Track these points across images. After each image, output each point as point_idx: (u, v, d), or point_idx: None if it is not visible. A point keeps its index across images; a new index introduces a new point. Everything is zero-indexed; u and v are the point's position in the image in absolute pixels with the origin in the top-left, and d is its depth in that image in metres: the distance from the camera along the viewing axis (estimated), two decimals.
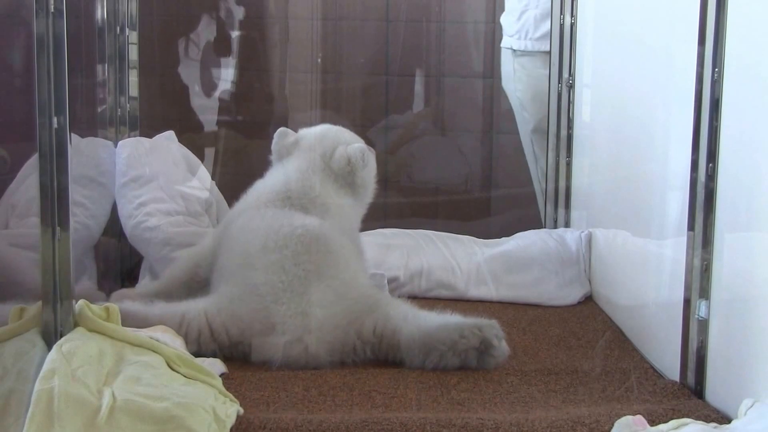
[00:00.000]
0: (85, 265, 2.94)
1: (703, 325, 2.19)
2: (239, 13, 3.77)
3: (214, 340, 2.45)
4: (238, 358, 2.45)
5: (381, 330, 2.45)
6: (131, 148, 3.12)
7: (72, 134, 2.02)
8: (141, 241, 3.00)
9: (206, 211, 3.14)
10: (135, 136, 3.32)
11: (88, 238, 2.99)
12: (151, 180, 3.06)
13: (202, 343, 2.43)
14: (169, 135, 3.25)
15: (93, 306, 2.07)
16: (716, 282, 2.15)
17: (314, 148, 2.79)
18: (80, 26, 3.06)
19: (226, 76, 3.81)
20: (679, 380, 2.29)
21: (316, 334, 2.40)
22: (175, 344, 2.20)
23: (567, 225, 3.53)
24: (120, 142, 3.16)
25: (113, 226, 3.12)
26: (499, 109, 3.73)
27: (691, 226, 2.21)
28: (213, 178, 3.26)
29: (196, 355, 2.31)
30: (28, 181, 2.66)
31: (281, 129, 2.85)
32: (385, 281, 2.96)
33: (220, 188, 3.24)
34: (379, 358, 2.47)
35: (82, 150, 3.01)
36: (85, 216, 2.95)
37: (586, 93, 3.43)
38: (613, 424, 1.89)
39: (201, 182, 3.20)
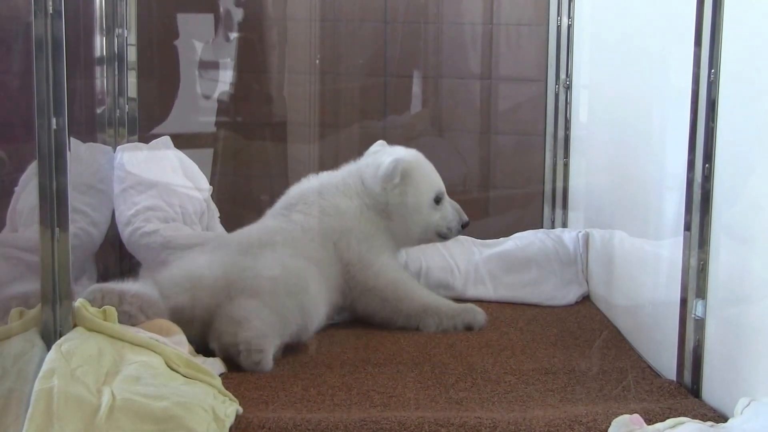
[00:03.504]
0: (86, 269, 2.95)
1: (700, 324, 2.20)
2: (238, 14, 3.77)
3: None
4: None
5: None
6: (129, 154, 3.12)
7: (72, 138, 2.02)
8: (138, 247, 3.01)
9: (198, 219, 3.14)
10: (134, 138, 3.33)
11: (90, 245, 3.00)
12: (149, 188, 3.07)
13: None
14: (165, 141, 3.24)
15: (90, 306, 2.08)
16: (713, 281, 2.16)
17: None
18: (79, 27, 3.06)
19: (225, 77, 3.81)
20: (675, 379, 2.30)
21: (198, 285, 2.56)
22: (182, 347, 2.21)
23: (564, 225, 3.54)
24: (118, 148, 3.16)
25: (113, 230, 3.13)
26: (496, 109, 3.73)
27: (687, 226, 2.21)
28: (213, 179, 3.26)
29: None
30: (29, 187, 2.67)
31: (379, 141, 3.12)
32: None
33: (219, 189, 3.23)
34: None
35: (81, 156, 3.02)
36: (86, 223, 2.95)
37: (584, 94, 3.43)
38: (610, 423, 1.90)
39: (197, 188, 3.19)
